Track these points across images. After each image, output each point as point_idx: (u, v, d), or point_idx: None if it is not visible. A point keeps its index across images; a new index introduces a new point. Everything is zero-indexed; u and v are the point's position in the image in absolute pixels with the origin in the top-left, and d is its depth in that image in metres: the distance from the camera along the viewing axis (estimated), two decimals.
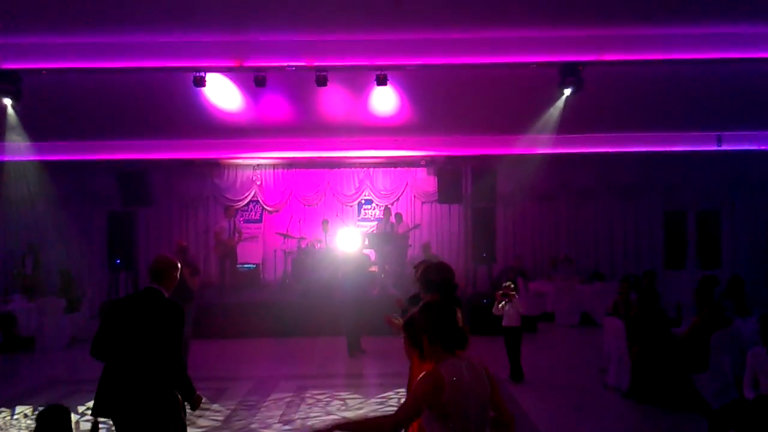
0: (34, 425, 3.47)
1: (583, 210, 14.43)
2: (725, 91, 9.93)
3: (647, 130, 12.56)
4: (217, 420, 6.53)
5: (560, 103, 10.44)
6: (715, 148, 12.90)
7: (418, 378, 2.73)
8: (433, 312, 2.87)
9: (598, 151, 13.17)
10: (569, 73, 8.84)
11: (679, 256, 14.15)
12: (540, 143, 11.91)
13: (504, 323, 8.07)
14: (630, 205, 14.38)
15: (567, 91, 9.21)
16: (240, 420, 6.57)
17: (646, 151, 13.21)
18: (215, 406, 6.96)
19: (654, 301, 7.29)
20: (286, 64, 8.76)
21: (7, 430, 6.37)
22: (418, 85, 9.95)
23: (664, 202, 14.33)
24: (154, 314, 3.96)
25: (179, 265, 4.34)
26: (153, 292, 4.08)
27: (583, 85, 8.84)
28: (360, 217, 14.68)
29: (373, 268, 12.51)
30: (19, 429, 6.36)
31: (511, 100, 10.27)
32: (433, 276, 4.19)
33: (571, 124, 10.81)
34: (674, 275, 13.69)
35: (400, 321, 4.94)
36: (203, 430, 6.25)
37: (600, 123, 11.87)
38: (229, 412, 6.81)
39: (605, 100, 10.40)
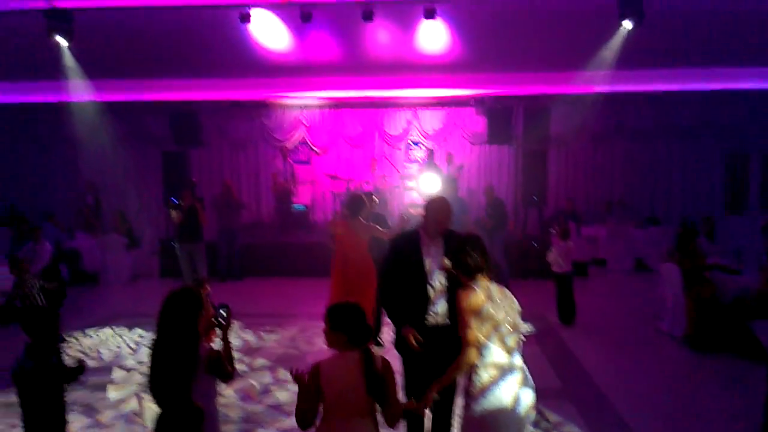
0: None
1: (638, 152, 13.86)
2: None
3: (710, 66, 11.81)
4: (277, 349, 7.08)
5: (619, 37, 9.91)
6: None
7: (463, 296, 3.30)
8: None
9: (656, 90, 12.55)
10: (629, 3, 8.35)
11: (740, 199, 13.52)
12: (596, 81, 11.39)
13: (555, 269, 8.02)
14: (688, 146, 13.74)
15: (627, 24, 8.72)
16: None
17: (708, 90, 12.50)
18: (274, 336, 7.54)
19: (692, 246, 7.08)
20: None
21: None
22: (468, 19, 9.61)
23: (725, 143, 13.60)
24: None
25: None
26: None
27: (644, 17, 8.34)
28: (407, 159, 14.53)
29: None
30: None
31: (566, 35, 9.79)
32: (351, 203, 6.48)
33: (629, 60, 10.28)
34: (734, 220, 13.12)
35: None
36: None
37: (660, 59, 11.22)
38: (287, 341, 7.37)
39: (666, 33, 9.79)
